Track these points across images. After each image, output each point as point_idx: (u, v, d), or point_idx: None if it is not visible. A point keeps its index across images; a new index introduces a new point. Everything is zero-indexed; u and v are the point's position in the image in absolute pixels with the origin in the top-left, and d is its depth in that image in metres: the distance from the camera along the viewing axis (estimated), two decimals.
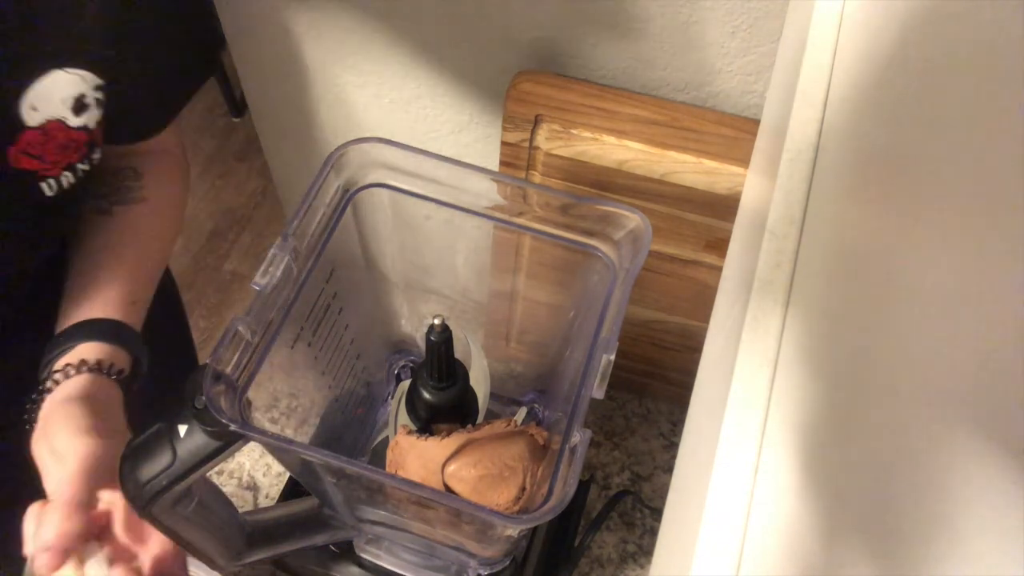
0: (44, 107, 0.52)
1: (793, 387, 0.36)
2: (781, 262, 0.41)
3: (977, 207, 0.27)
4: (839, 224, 0.40)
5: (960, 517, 0.24)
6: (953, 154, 0.29)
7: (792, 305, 0.39)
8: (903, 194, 0.34)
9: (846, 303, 0.36)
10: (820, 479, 0.32)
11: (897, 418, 0.29)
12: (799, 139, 0.45)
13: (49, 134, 0.53)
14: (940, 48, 0.33)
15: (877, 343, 0.32)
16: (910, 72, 0.36)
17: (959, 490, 0.24)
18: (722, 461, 0.35)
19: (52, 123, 0.52)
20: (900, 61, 0.37)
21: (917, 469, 0.26)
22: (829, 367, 0.35)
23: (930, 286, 0.29)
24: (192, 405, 0.41)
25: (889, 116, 0.38)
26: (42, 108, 0.52)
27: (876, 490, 0.29)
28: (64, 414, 0.50)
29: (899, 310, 0.31)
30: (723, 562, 0.33)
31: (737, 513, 0.34)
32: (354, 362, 0.60)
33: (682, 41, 0.66)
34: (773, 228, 0.42)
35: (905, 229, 0.33)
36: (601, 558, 0.76)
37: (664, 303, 0.77)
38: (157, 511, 0.44)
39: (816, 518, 0.32)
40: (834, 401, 0.34)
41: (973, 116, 0.28)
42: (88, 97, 0.54)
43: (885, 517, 0.28)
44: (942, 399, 0.26)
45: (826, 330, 0.37)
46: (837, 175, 0.42)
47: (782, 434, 0.35)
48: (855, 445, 0.31)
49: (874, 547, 0.28)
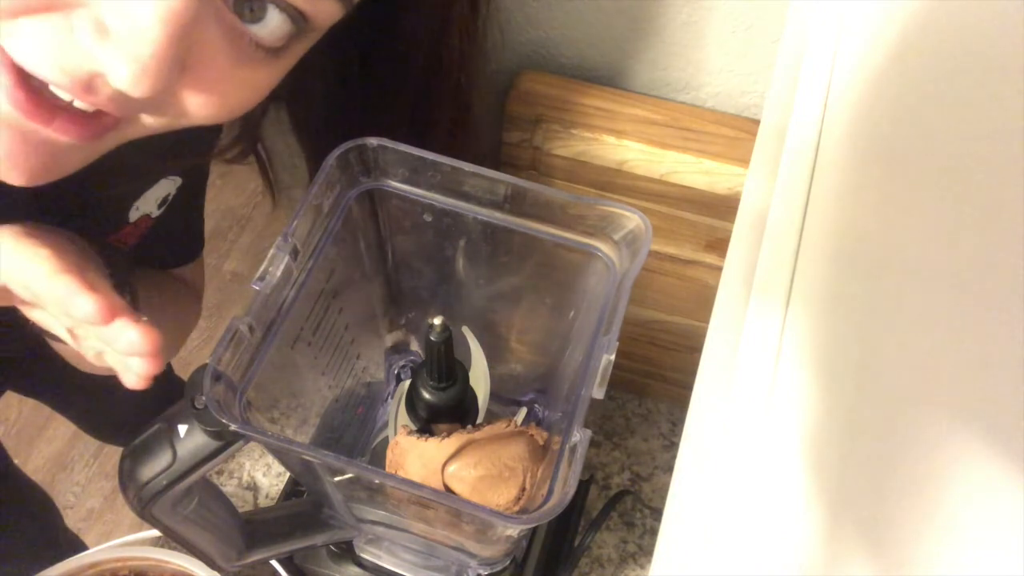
0: (143, 206, 0.55)
1: (793, 387, 0.36)
2: (781, 262, 0.41)
3: (977, 206, 0.27)
4: (839, 224, 0.40)
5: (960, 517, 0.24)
6: (953, 154, 0.29)
7: (792, 305, 0.39)
8: (903, 194, 0.34)
9: (846, 303, 0.36)
10: (820, 478, 0.32)
11: (897, 418, 0.29)
12: (799, 139, 0.45)
13: (139, 226, 0.57)
14: (940, 48, 0.33)
15: (877, 343, 0.32)
16: (910, 72, 0.36)
17: (959, 489, 0.24)
18: (722, 461, 0.35)
19: (143, 218, 0.56)
20: (900, 61, 0.37)
21: (917, 469, 0.26)
22: (829, 367, 0.35)
23: (930, 286, 0.29)
24: (192, 405, 0.41)
25: (889, 116, 0.38)
26: (142, 208, 0.55)
27: (876, 490, 0.29)
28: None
29: (899, 310, 0.31)
30: (723, 562, 0.33)
31: (737, 512, 0.34)
32: (354, 362, 0.60)
33: (682, 41, 0.66)
34: (773, 228, 0.42)
35: (905, 229, 0.33)
36: (601, 558, 0.76)
37: (664, 303, 0.77)
38: (157, 511, 0.44)
39: (816, 517, 0.32)
40: (834, 400, 0.34)
41: (973, 115, 0.28)
42: (171, 196, 0.57)
43: (885, 517, 0.28)
44: (942, 399, 0.26)
45: (826, 330, 0.37)
46: (837, 175, 0.42)
47: (783, 433, 0.35)
48: (855, 444, 0.31)
49: (874, 547, 0.28)
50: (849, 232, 0.39)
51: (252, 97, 0.41)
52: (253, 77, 0.40)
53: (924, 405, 0.27)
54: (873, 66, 0.41)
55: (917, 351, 0.29)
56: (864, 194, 0.38)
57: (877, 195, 0.37)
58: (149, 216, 0.57)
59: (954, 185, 0.29)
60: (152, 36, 0.33)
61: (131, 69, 0.33)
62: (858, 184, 0.39)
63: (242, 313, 0.42)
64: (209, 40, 0.37)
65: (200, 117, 0.39)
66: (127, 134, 0.40)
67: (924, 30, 0.35)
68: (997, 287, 0.24)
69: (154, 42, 0.33)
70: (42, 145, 0.37)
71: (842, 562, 0.29)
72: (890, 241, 0.34)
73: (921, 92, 0.35)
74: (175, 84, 0.36)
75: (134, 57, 0.33)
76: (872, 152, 0.39)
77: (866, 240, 0.36)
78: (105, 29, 0.33)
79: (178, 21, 0.33)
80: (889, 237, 0.34)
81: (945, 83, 0.32)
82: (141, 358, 0.40)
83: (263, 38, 0.39)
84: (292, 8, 0.38)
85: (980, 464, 0.23)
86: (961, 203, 0.28)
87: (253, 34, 0.38)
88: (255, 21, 0.38)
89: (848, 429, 0.32)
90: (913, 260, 0.31)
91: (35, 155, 0.37)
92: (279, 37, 0.39)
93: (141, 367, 0.41)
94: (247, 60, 0.39)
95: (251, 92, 0.41)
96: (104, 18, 0.33)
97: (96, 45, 0.33)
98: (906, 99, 0.36)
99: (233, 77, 0.39)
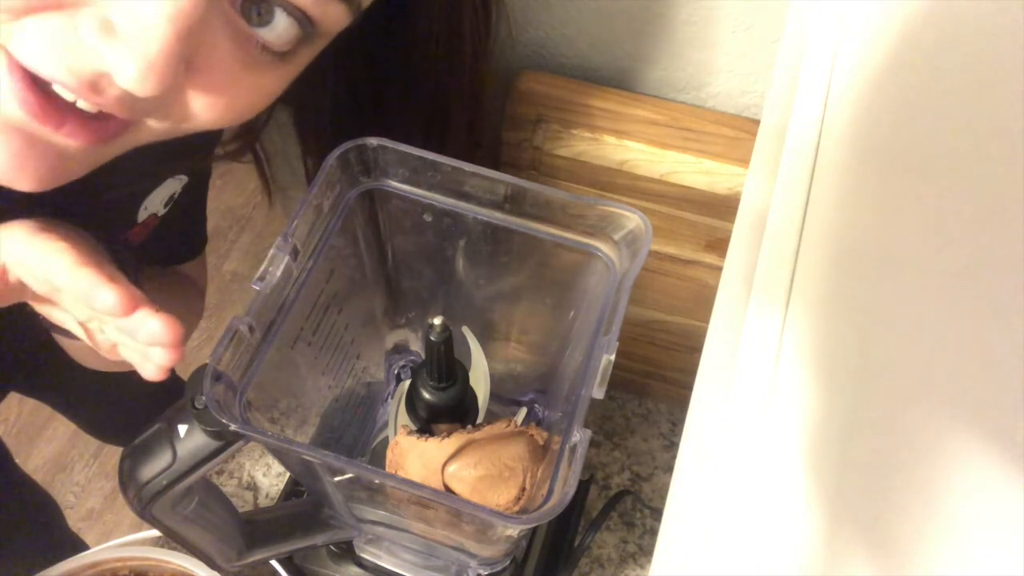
0: (151, 206, 0.56)
1: (793, 387, 0.36)
2: (781, 262, 0.41)
3: (977, 206, 0.27)
4: (839, 224, 0.40)
5: (960, 516, 0.24)
6: (953, 153, 0.29)
7: (792, 305, 0.39)
8: (903, 194, 0.34)
9: (846, 303, 0.36)
10: (820, 478, 0.32)
11: (897, 417, 0.29)
12: (799, 139, 0.45)
13: (147, 225, 0.57)
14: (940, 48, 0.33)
15: (877, 343, 0.32)
16: (910, 72, 0.36)
17: (959, 489, 0.24)
18: (723, 461, 0.35)
19: (151, 217, 0.57)
20: (900, 61, 0.37)
21: (917, 469, 0.26)
22: (829, 367, 0.35)
23: (930, 286, 0.29)
24: (192, 405, 0.41)
25: (889, 116, 0.38)
26: (150, 207, 0.56)
27: (876, 490, 0.29)
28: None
29: (899, 310, 0.31)
30: (723, 562, 0.33)
31: (737, 512, 0.34)
32: (354, 362, 0.60)
33: (682, 41, 0.66)
34: (773, 228, 0.42)
35: (905, 229, 0.33)
36: (601, 558, 0.76)
37: (664, 303, 0.77)
38: (157, 511, 0.44)
39: (816, 517, 0.32)
40: (834, 401, 0.34)
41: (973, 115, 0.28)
42: (177, 194, 0.57)
43: (885, 517, 0.28)
44: (942, 399, 0.26)
45: (826, 330, 0.37)
46: (837, 175, 0.42)
47: (783, 433, 0.35)
48: (855, 444, 0.31)
49: (874, 547, 0.28)
50: (849, 232, 0.39)
51: (258, 101, 0.41)
52: (260, 81, 0.40)
53: (924, 405, 0.27)
54: (873, 66, 0.41)
55: (917, 351, 0.29)
56: (864, 194, 0.38)
57: (877, 195, 0.37)
58: (156, 215, 0.57)
59: (954, 185, 0.29)
60: (159, 34, 0.33)
61: (138, 67, 0.33)
62: (858, 184, 0.39)
63: (242, 313, 0.42)
64: (216, 42, 0.37)
65: (206, 121, 0.39)
66: (134, 140, 0.40)
67: (924, 30, 0.35)
68: (997, 287, 0.24)
69: (161, 40, 0.33)
70: (50, 150, 0.37)
71: (842, 562, 0.29)
72: (890, 241, 0.34)
73: (921, 92, 0.35)
74: (181, 86, 0.36)
75: (141, 55, 0.33)
76: (872, 152, 0.39)
77: (866, 240, 0.36)
78: (112, 27, 0.33)
79: (185, 20, 0.33)
80: (889, 237, 0.34)
81: (945, 83, 0.32)
82: (163, 348, 0.40)
83: (270, 42, 0.39)
84: (299, 12, 0.38)
85: (980, 464, 0.23)
86: (961, 203, 0.28)
87: (260, 37, 0.38)
88: (263, 24, 0.38)
89: (848, 429, 0.32)
90: (913, 260, 0.31)
91: (43, 160, 0.37)
92: (286, 41, 0.39)
93: (162, 357, 0.41)
94: (254, 63, 0.39)
95: (258, 96, 0.41)
96: (111, 16, 0.33)
97: (102, 43, 0.33)
98: (906, 99, 0.36)
99: (240, 80, 0.39)
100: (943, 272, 0.28)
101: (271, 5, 0.38)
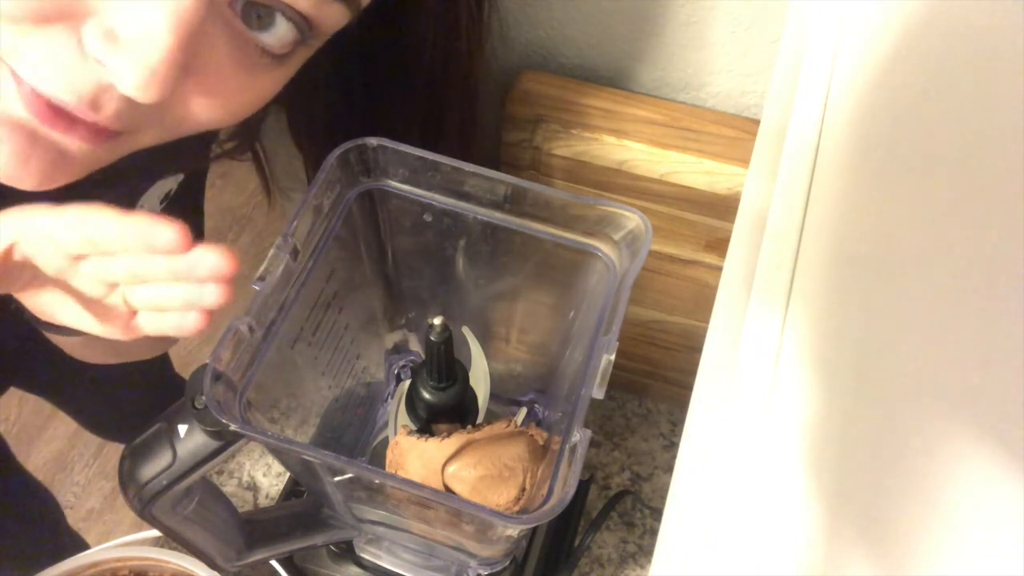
0: (147, 204, 0.55)
1: (793, 387, 0.36)
2: (781, 262, 0.41)
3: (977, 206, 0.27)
4: (839, 224, 0.40)
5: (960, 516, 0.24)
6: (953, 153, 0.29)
7: (792, 305, 0.39)
8: (903, 194, 0.34)
9: (846, 303, 0.36)
10: (820, 478, 0.32)
11: (897, 417, 0.29)
12: (799, 139, 0.45)
13: None
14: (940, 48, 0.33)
15: (877, 343, 0.32)
16: (910, 72, 0.36)
17: (959, 489, 0.24)
18: (723, 461, 0.35)
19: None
20: (900, 61, 0.38)
21: (917, 468, 0.26)
22: (829, 367, 0.35)
23: (930, 285, 0.29)
24: (192, 405, 0.41)
25: (889, 116, 0.38)
26: (146, 205, 0.55)
27: (876, 489, 0.29)
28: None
29: (899, 310, 0.31)
30: (723, 562, 0.33)
31: (737, 512, 0.34)
32: (354, 362, 0.60)
33: (682, 41, 0.66)
34: (773, 228, 0.42)
35: (905, 229, 0.33)
36: (601, 558, 0.76)
37: (664, 303, 0.77)
38: (157, 511, 0.44)
39: (816, 517, 0.32)
40: (834, 401, 0.34)
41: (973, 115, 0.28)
42: (173, 192, 0.57)
43: (885, 517, 0.28)
44: (942, 399, 0.26)
45: (826, 330, 0.37)
46: (837, 175, 0.42)
47: (783, 433, 0.35)
48: (855, 444, 0.31)
49: (874, 547, 0.28)
50: (849, 232, 0.39)
51: (255, 102, 0.41)
52: (258, 83, 0.41)
53: (924, 404, 0.27)
54: (873, 66, 0.41)
55: (917, 351, 0.29)
56: (864, 194, 0.38)
57: (877, 195, 0.37)
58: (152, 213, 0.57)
59: (954, 185, 0.29)
60: (162, 43, 0.33)
61: (141, 75, 0.33)
62: (858, 184, 0.39)
63: (242, 313, 0.42)
64: (216, 46, 0.37)
65: (204, 122, 0.39)
66: (135, 143, 0.40)
67: (924, 30, 0.35)
68: (997, 287, 0.24)
69: (164, 48, 0.33)
70: (52, 149, 0.37)
71: (842, 562, 0.29)
72: (890, 241, 0.34)
73: (921, 92, 0.35)
74: (180, 89, 0.37)
75: (144, 63, 0.33)
76: (872, 152, 0.39)
77: (866, 240, 0.36)
78: (115, 36, 0.33)
79: (187, 28, 0.33)
80: (889, 237, 0.34)
81: (945, 83, 0.32)
82: (219, 284, 0.38)
83: (270, 45, 0.39)
84: (299, 16, 0.39)
85: (980, 463, 0.23)
86: (961, 203, 0.28)
87: (260, 41, 0.38)
88: (263, 29, 0.38)
89: (848, 429, 0.32)
90: (913, 260, 0.31)
91: (45, 159, 0.37)
92: (285, 44, 0.39)
93: (216, 296, 0.39)
94: (252, 66, 0.39)
95: (255, 97, 0.41)
96: (114, 25, 0.33)
97: (105, 52, 0.33)
98: (906, 99, 0.36)
99: (238, 83, 0.39)
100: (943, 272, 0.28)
101: (271, 9, 0.38)
